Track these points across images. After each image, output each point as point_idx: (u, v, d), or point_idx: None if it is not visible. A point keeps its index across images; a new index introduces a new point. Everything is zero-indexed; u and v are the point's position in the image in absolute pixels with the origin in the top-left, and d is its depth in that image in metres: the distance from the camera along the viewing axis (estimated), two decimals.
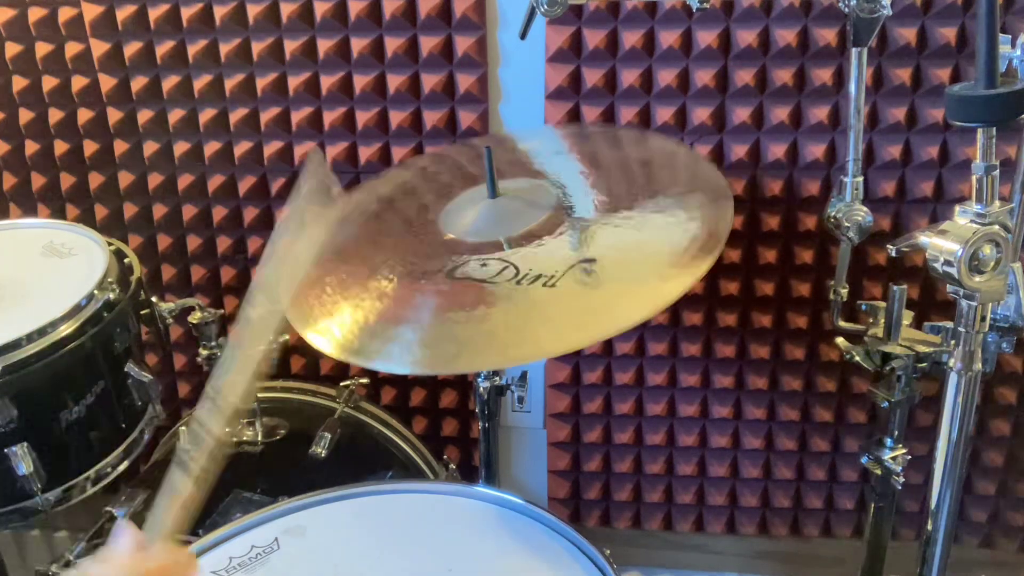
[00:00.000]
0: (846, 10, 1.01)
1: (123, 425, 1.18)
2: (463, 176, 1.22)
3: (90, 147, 1.56)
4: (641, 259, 0.93)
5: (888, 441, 1.14)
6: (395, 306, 0.96)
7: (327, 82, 1.46)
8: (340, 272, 1.05)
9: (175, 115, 1.51)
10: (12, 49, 1.51)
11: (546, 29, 1.38)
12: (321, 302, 0.99)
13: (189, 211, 1.58)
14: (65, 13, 1.47)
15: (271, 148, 1.52)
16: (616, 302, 0.89)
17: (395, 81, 1.45)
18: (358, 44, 1.43)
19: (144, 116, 1.52)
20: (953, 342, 0.89)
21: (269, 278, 0.79)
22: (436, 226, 1.09)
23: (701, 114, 1.40)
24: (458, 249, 1.03)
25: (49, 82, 1.53)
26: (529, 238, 1.00)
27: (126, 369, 1.18)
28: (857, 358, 1.13)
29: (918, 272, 1.43)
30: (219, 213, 1.57)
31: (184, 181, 1.56)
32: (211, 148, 1.53)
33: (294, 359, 1.66)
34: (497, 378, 1.24)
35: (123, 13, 1.46)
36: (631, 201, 1.03)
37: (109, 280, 1.14)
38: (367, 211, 1.21)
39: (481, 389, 1.23)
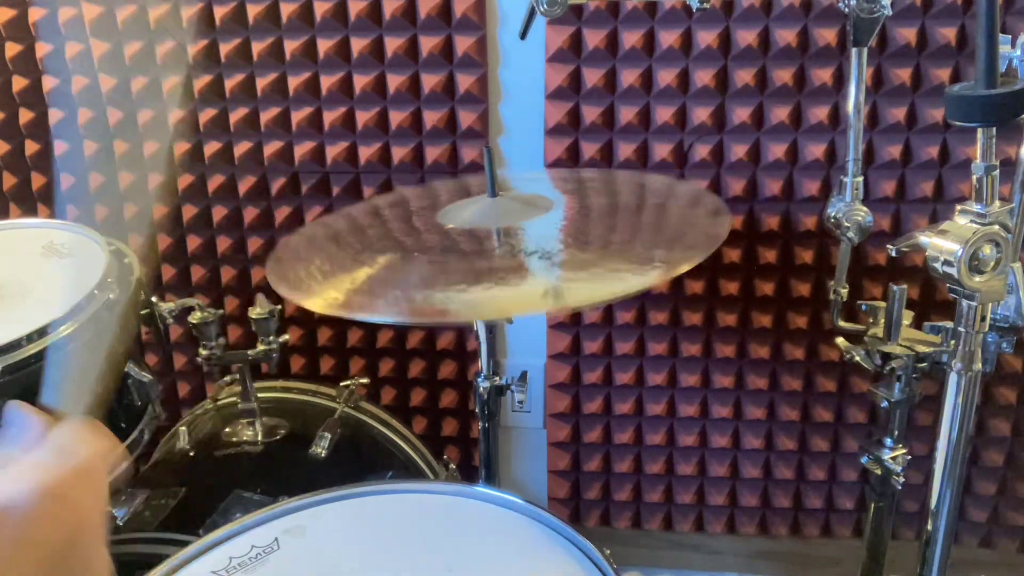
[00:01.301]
0: (846, 10, 1.01)
1: (123, 425, 1.18)
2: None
3: (90, 147, 1.56)
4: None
5: (888, 441, 1.14)
6: (386, 272, 0.98)
7: (327, 82, 1.46)
8: (333, 249, 1.08)
9: (175, 115, 1.51)
10: (12, 49, 1.51)
11: (546, 29, 1.38)
12: (310, 273, 1.00)
13: (189, 211, 1.58)
14: (65, 13, 1.48)
15: (271, 148, 1.52)
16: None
17: (395, 81, 1.45)
18: (358, 44, 1.43)
19: (144, 116, 1.53)
20: (953, 342, 0.89)
21: None
22: (434, 220, 1.12)
23: (701, 114, 1.40)
24: (455, 234, 1.06)
25: (49, 82, 1.53)
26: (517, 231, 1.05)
27: (126, 369, 1.18)
28: (857, 358, 1.13)
29: (918, 272, 1.43)
30: (219, 213, 1.57)
31: (184, 181, 1.56)
32: (211, 148, 1.53)
33: (294, 359, 1.66)
34: (497, 378, 1.24)
35: (123, 13, 1.46)
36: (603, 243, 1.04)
37: (109, 280, 1.14)
38: (362, 215, 1.23)
39: (481, 389, 1.23)
